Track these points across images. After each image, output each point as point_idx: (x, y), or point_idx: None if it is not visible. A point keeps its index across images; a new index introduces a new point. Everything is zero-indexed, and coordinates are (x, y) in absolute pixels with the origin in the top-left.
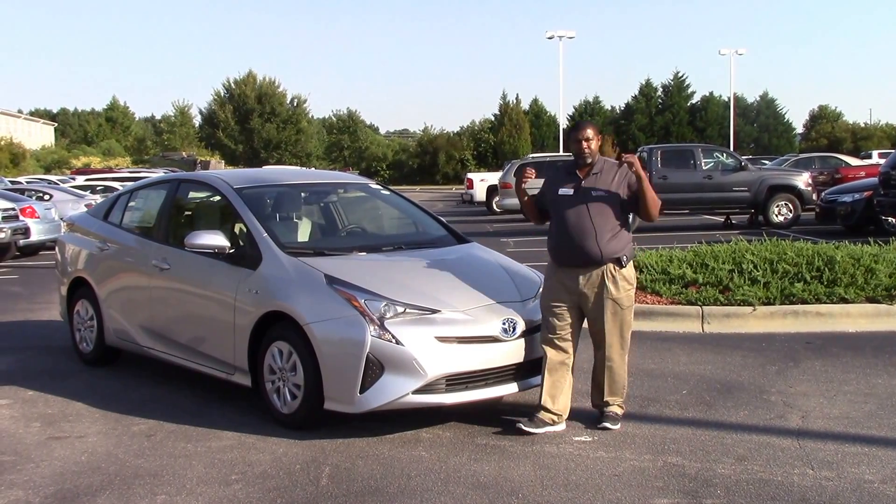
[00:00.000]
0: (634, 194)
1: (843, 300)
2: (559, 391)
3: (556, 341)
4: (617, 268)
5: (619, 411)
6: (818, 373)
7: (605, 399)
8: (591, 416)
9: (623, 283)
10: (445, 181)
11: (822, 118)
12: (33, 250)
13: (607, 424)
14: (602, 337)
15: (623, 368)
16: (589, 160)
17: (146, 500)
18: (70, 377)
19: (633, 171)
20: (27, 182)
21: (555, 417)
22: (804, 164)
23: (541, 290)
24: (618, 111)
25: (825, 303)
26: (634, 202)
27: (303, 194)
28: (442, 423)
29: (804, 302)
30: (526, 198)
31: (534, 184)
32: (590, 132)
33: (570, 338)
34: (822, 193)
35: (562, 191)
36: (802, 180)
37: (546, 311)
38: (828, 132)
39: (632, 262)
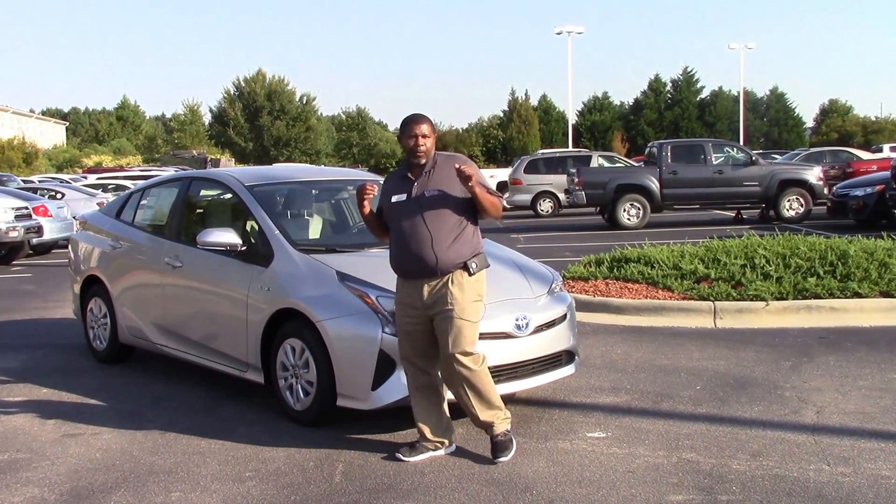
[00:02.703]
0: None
1: (857, 295)
2: (433, 415)
3: (416, 360)
4: (465, 274)
5: (502, 427)
6: (832, 368)
7: (480, 420)
8: (603, 411)
9: (471, 292)
10: None
11: (832, 112)
12: (46, 249)
13: (501, 458)
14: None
15: (480, 378)
16: (423, 160)
17: (161, 498)
18: (84, 375)
19: (469, 186)
20: (39, 181)
21: (437, 444)
22: (815, 159)
23: (553, 285)
24: (627, 107)
25: (839, 297)
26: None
27: (314, 191)
28: (454, 420)
29: (817, 297)
30: (366, 212)
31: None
32: (426, 127)
33: (430, 355)
34: (834, 188)
35: (395, 198)
36: (814, 174)
37: (399, 329)
38: (838, 126)
39: (484, 271)
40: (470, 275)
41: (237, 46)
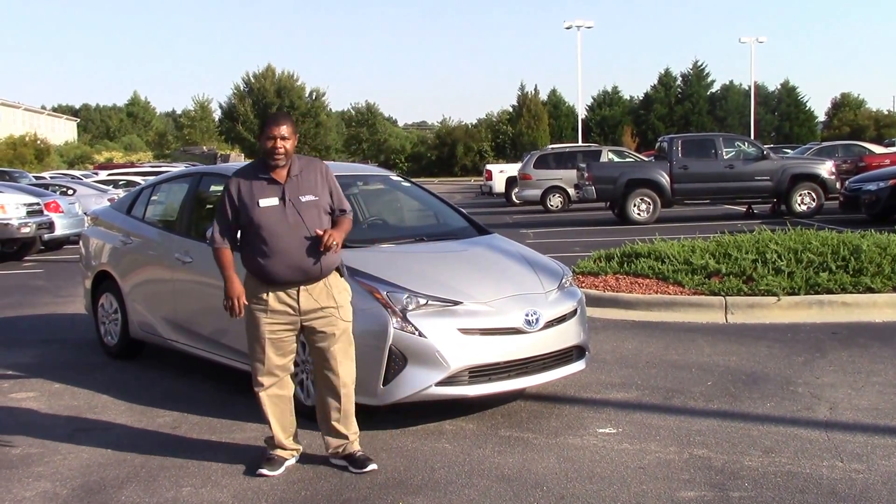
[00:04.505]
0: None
1: (870, 290)
2: (289, 422)
3: (278, 372)
4: (338, 276)
5: (358, 447)
6: (845, 363)
7: (343, 434)
8: (614, 407)
9: (345, 293)
10: (464, 173)
11: (844, 106)
12: (57, 244)
13: (351, 467)
14: (334, 360)
15: (353, 394)
16: (282, 162)
17: (172, 492)
18: (95, 370)
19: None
20: (51, 177)
21: (293, 451)
22: (827, 153)
23: (563, 280)
24: (637, 101)
25: (851, 293)
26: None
27: None
28: (465, 416)
29: (829, 292)
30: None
31: None
32: (285, 129)
33: (289, 365)
34: (846, 182)
35: (263, 202)
36: (826, 169)
37: (265, 340)
38: (850, 120)
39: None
40: (341, 276)
41: (247, 42)
